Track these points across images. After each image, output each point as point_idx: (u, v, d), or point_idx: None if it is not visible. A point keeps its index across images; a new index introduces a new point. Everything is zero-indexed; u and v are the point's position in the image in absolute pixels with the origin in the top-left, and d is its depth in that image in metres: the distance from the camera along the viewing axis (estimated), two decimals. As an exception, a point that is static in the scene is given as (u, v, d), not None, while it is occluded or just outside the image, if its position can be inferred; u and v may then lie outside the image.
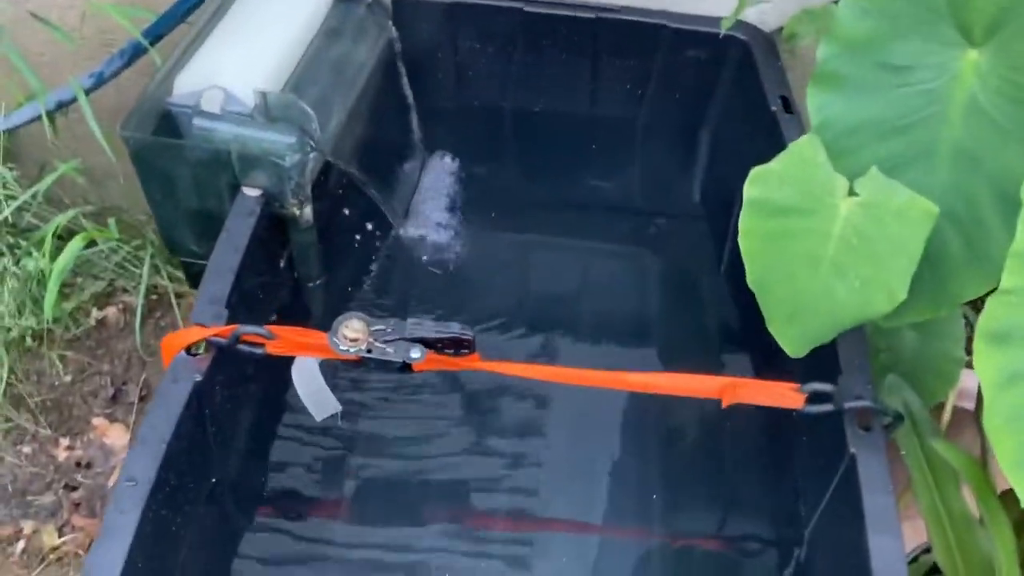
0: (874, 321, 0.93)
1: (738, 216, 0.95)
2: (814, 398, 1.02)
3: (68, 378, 1.68)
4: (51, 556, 1.52)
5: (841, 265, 0.89)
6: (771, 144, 1.26)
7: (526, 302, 1.47)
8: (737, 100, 1.49)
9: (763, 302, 0.93)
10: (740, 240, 0.92)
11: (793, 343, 0.93)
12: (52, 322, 1.65)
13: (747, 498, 1.25)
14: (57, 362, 1.68)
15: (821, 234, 0.90)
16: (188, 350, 1.01)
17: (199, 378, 0.99)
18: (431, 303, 1.42)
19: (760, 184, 0.92)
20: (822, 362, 1.03)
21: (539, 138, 1.63)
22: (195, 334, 1.01)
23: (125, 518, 0.88)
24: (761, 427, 1.27)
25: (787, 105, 1.32)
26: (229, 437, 1.12)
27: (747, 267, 0.91)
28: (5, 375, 1.63)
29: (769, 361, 1.08)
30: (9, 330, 1.64)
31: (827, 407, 1.02)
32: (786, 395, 1.02)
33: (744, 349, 1.37)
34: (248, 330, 1.01)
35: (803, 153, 0.93)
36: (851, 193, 0.91)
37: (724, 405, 1.02)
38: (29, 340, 1.67)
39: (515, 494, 1.24)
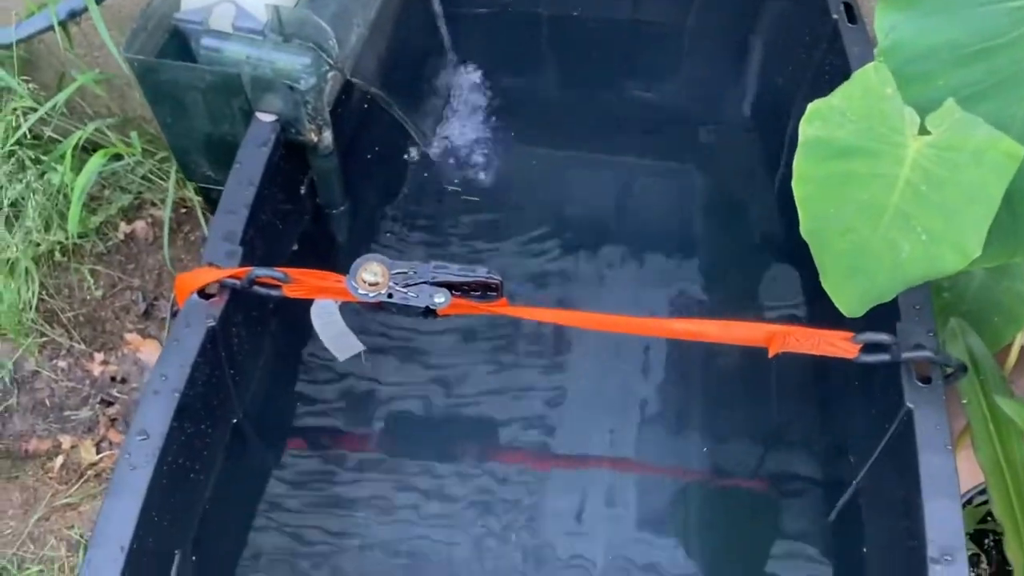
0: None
1: (793, 130, 0.85)
2: (869, 348, 0.95)
3: (99, 293, 1.66)
4: (89, 472, 1.53)
5: (907, 216, 0.80)
6: (831, 55, 1.15)
7: (562, 224, 1.39)
8: (794, 5, 1.36)
9: (817, 256, 0.84)
10: (794, 185, 0.83)
11: (849, 303, 0.85)
12: (80, 237, 1.61)
13: (792, 439, 1.19)
14: (88, 277, 1.65)
15: (886, 179, 0.80)
16: (202, 292, 0.96)
17: (213, 323, 0.94)
18: (461, 227, 1.35)
19: (819, 121, 0.81)
20: (880, 304, 0.94)
21: (577, 46, 1.52)
22: (208, 275, 0.96)
23: (137, 474, 0.85)
24: (810, 367, 1.20)
25: (850, 13, 1.20)
26: (250, 378, 1.08)
27: (801, 216, 0.82)
28: (37, 290, 1.61)
29: (821, 293, 1.00)
30: (38, 245, 1.62)
31: (883, 357, 0.95)
32: (838, 345, 0.94)
33: (794, 278, 1.29)
34: (263, 272, 0.95)
35: (868, 83, 0.82)
36: (922, 131, 0.81)
37: (771, 355, 0.95)
38: (58, 255, 1.64)
39: (548, 430, 1.20)
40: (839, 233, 0.82)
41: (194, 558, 0.98)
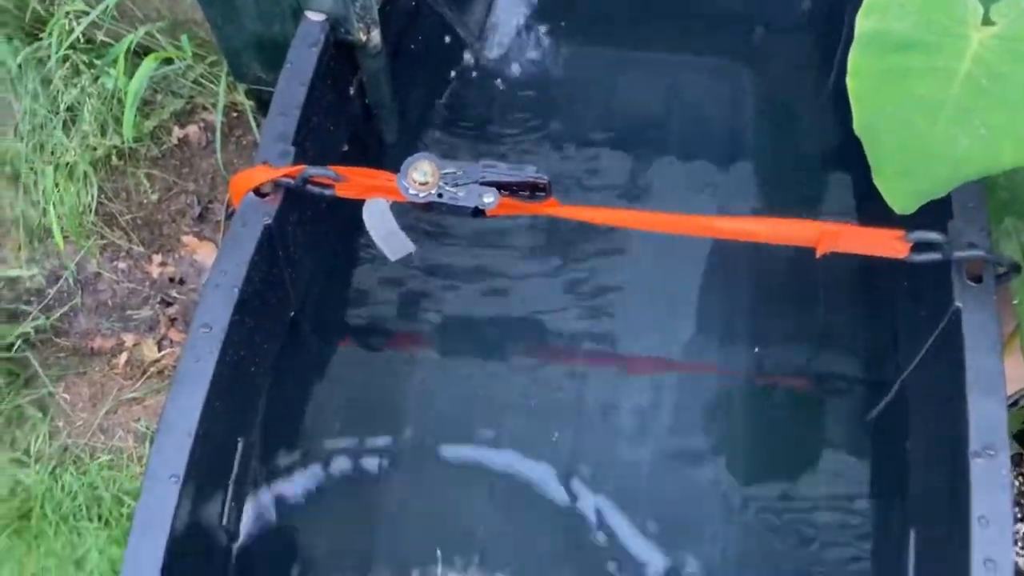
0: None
1: (849, 27, 0.83)
2: (920, 247, 0.94)
3: (155, 196, 1.69)
4: (152, 368, 1.59)
5: (966, 110, 0.78)
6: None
7: (612, 124, 1.38)
8: None
9: (871, 152, 0.83)
10: (849, 81, 0.81)
11: (901, 199, 0.84)
12: (135, 141, 1.64)
13: (838, 337, 1.19)
14: (144, 181, 1.68)
15: (945, 73, 0.78)
16: (257, 191, 0.98)
17: (268, 221, 0.96)
18: (510, 127, 1.35)
19: (876, 14, 0.79)
20: (933, 203, 0.93)
21: (631, -60, 1.47)
22: (262, 175, 0.98)
23: (201, 365, 0.89)
24: (859, 264, 1.19)
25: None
26: (305, 275, 1.11)
27: (855, 112, 0.81)
28: (95, 193, 1.65)
29: (872, 197, 0.99)
30: (95, 149, 1.65)
31: (934, 256, 0.94)
32: (889, 244, 0.94)
33: (846, 182, 1.27)
34: (315, 172, 0.97)
35: (930, -27, 0.79)
36: (985, 22, 0.79)
37: (819, 254, 0.95)
38: (115, 159, 1.67)
39: (596, 328, 1.21)
40: (894, 129, 0.81)
41: (254, 446, 1.03)
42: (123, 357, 1.60)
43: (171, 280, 1.66)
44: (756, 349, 1.19)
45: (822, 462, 1.11)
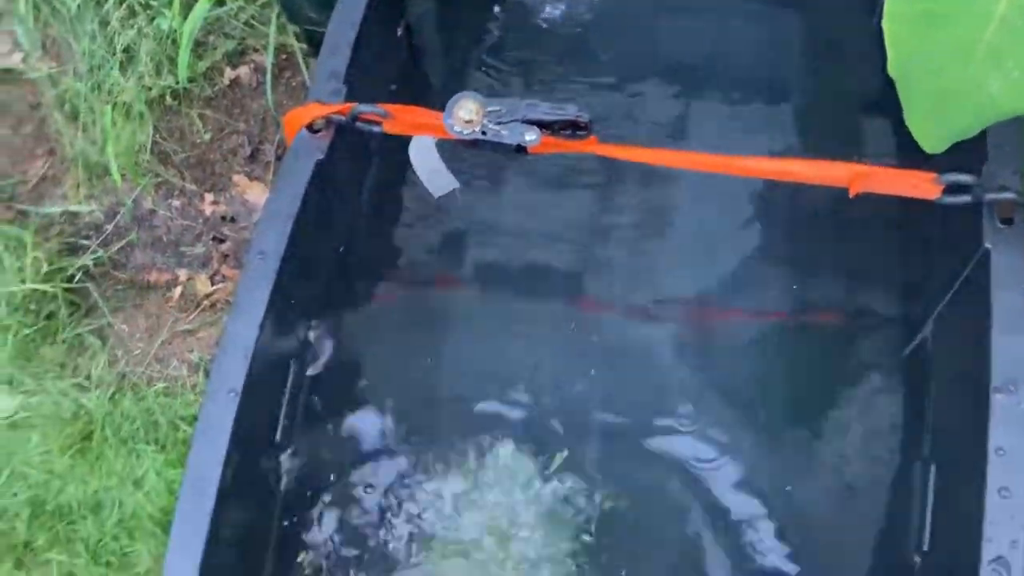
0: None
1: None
2: (952, 188, 0.97)
3: (208, 136, 1.74)
4: (205, 302, 1.65)
5: (999, 52, 0.80)
6: None
7: (655, 66, 1.39)
8: None
9: (903, 94, 0.85)
10: (884, 24, 0.83)
11: (932, 139, 0.86)
12: (188, 82, 1.69)
13: (873, 276, 1.21)
14: (197, 121, 1.73)
15: (981, 15, 0.80)
16: (310, 127, 1.03)
17: (320, 156, 1.01)
18: (553, 67, 1.37)
19: (914, -44, 0.81)
20: (968, 143, 0.95)
21: None
22: (315, 111, 1.02)
23: (258, 289, 0.94)
24: (894, 206, 1.21)
25: None
26: (354, 210, 1.15)
27: (889, 55, 0.83)
28: (151, 132, 1.70)
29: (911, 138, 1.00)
30: (150, 89, 1.70)
31: (965, 198, 0.97)
32: (921, 185, 0.96)
33: (888, 124, 1.28)
34: (365, 109, 1.01)
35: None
36: (1022, -35, 0.80)
37: (852, 194, 0.98)
38: (169, 99, 1.72)
39: (634, 273, 1.24)
40: (927, 71, 0.83)
41: (307, 370, 1.09)
42: (177, 291, 1.67)
43: (223, 218, 1.72)
44: (794, 287, 1.21)
45: (856, 397, 1.13)
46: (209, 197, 1.73)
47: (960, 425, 0.95)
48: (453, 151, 1.06)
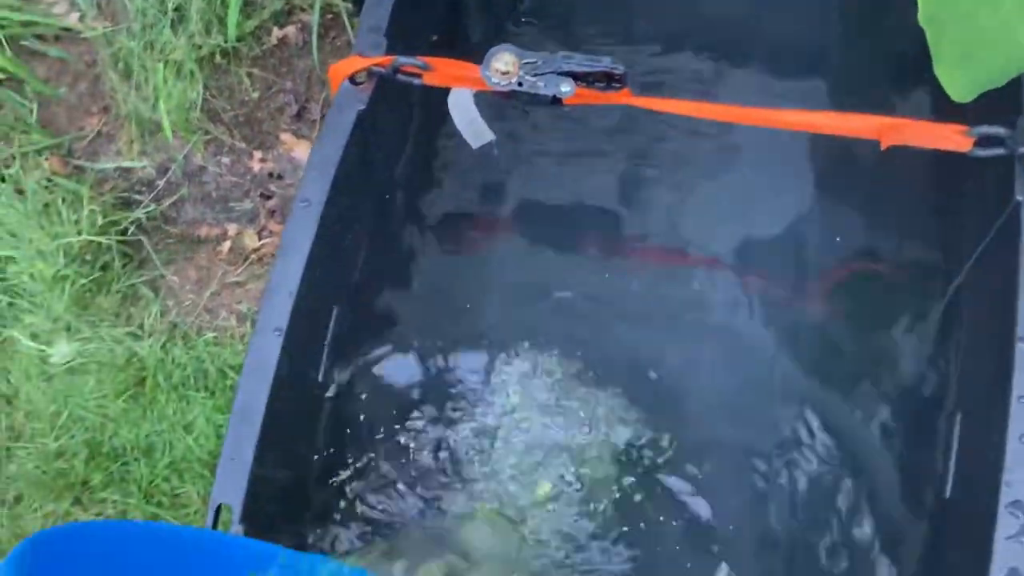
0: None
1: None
2: (984, 141, 0.97)
3: (256, 95, 1.78)
4: (252, 256, 1.70)
5: (1029, -1, 0.80)
6: None
7: (694, 22, 1.39)
8: None
9: (932, 42, 0.85)
10: (914, -29, 0.84)
11: (960, 88, 0.87)
12: (237, 41, 1.73)
13: (906, 229, 1.22)
14: (245, 79, 1.77)
15: (1011, -39, 0.80)
16: (352, 79, 1.06)
17: (363, 107, 1.04)
18: (590, 25, 1.38)
19: (946, -96, 0.81)
20: (1001, 97, 0.95)
21: None
22: (357, 64, 1.05)
23: (302, 235, 0.98)
24: (929, 162, 1.21)
25: None
26: (397, 160, 1.19)
27: (920, 4, 0.84)
28: (200, 90, 1.75)
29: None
30: (200, 47, 1.74)
31: (998, 151, 0.97)
32: (951, 138, 0.97)
33: (927, 96, 1.28)
34: (406, 61, 1.04)
35: None
36: (1056, -87, 0.80)
37: (883, 147, 0.99)
38: (219, 57, 1.76)
39: (670, 225, 1.26)
40: (956, 19, 0.83)
41: (349, 314, 1.13)
42: (226, 245, 1.72)
43: (270, 175, 1.76)
44: (837, 239, 1.22)
45: (885, 345, 1.15)
46: (257, 154, 1.77)
47: (986, 374, 0.96)
48: (494, 105, 1.09)
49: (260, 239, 1.71)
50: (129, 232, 1.69)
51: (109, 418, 1.58)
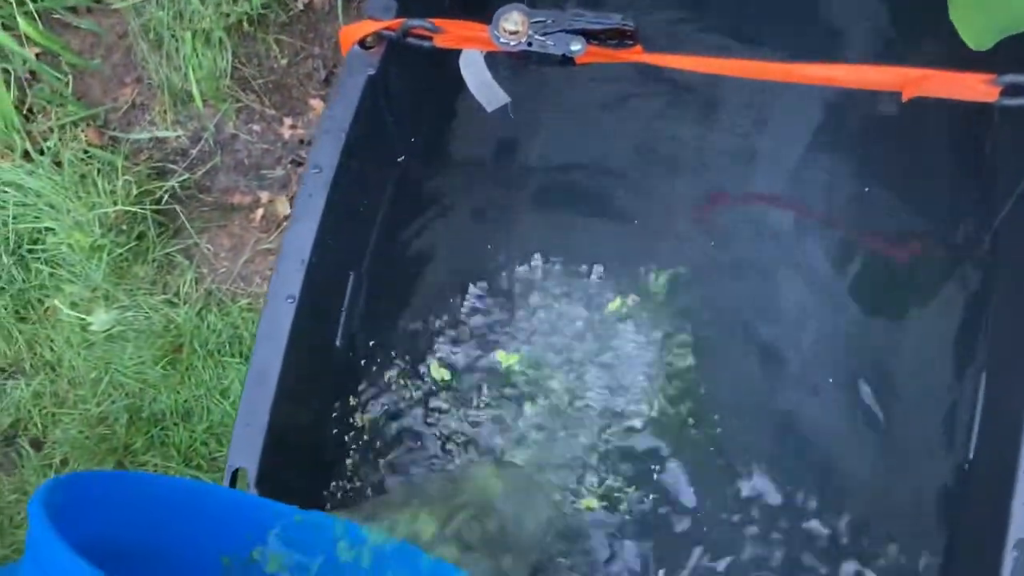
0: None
1: None
2: (1011, 90, 0.93)
3: (284, 61, 1.79)
4: (285, 223, 1.71)
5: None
6: None
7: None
8: None
9: (948, -14, 0.82)
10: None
11: (977, 33, 0.83)
12: (263, 8, 1.73)
13: (935, 184, 1.18)
14: (273, 46, 1.78)
15: (1032, -98, 0.77)
16: (362, 43, 1.06)
17: (373, 71, 1.04)
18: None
19: None
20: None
21: None
22: (367, 27, 1.05)
23: (313, 202, 0.99)
24: (959, 117, 1.17)
25: None
26: (411, 124, 1.18)
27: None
28: (230, 58, 1.76)
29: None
30: (227, 15, 1.75)
31: (1025, 100, 0.93)
32: (977, 87, 0.93)
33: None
34: (415, 23, 1.03)
35: None
36: None
37: (905, 99, 0.95)
38: (246, 25, 1.77)
39: (695, 179, 1.23)
40: (972, -40, 0.80)
41: (365, 281, 1.14)
42: (259, 212, 1.74)
43: (301, 142, 1.77)
44: (866, 189, 1.18)
45: (912, 307, 1.12)
46: (288, 121, 1.78)
47: (1014, 333, 0.94)
48: (508, 65, 1.08)
49: (292, 206, 1.73)
50: (163, 201, 1.72)
51: (148, 384, 1.62)
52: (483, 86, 1.09)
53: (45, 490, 0.65)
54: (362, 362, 1.12)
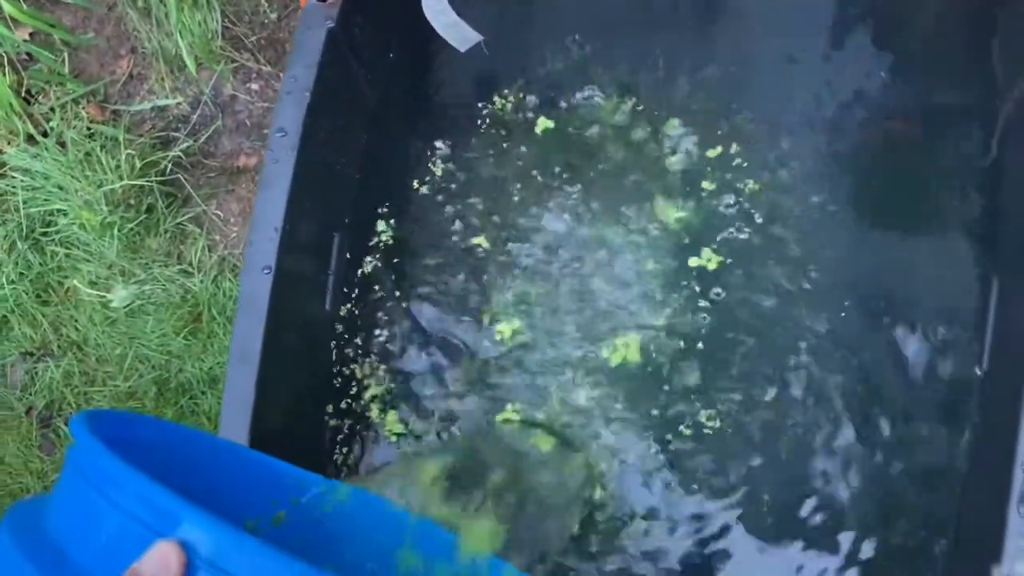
0: None
1: None
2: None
3: (274, 15, 1.75)
4: (291, 181, 1.69)
5: None
6: None
7: None
8: None
9: None
10: None
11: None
12: (246, -38, 1.69)
13: (949, 72, 1.10)
14: (262, 1, 1.74)
15: None
16: (319, -6, 1.01)
17: (332, 24, 1.00)
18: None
19: None
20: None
21: None
22: (321, -23, 1.00)
23: (280, 167, 0.96)
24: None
25: None
26: (382, 73, 1.14)
27: None
28: (219, 18, 1.73)
29: None
30: (211, -26, 1.71)
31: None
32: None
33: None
34: (368, -32, 0.98)
35: None
36: None
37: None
38: (234, -18, 1.73)
39: (713, 90, 1.17)
40: None
41: (353, 238, 1.11)
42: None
43: (300, 96, 1.74)
44: (880, 73, 1.10)
45: (924, 205, 1.06)
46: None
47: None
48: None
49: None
50: (168, 171, 1.71)
51: (173, 355, 1.63)
52: (450, 28, 1.05)
53: (85, 414, 0.64)
54: (355, 324, 1.10)
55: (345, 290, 1.10)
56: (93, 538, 0.57)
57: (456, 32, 1.05)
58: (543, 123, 1.18)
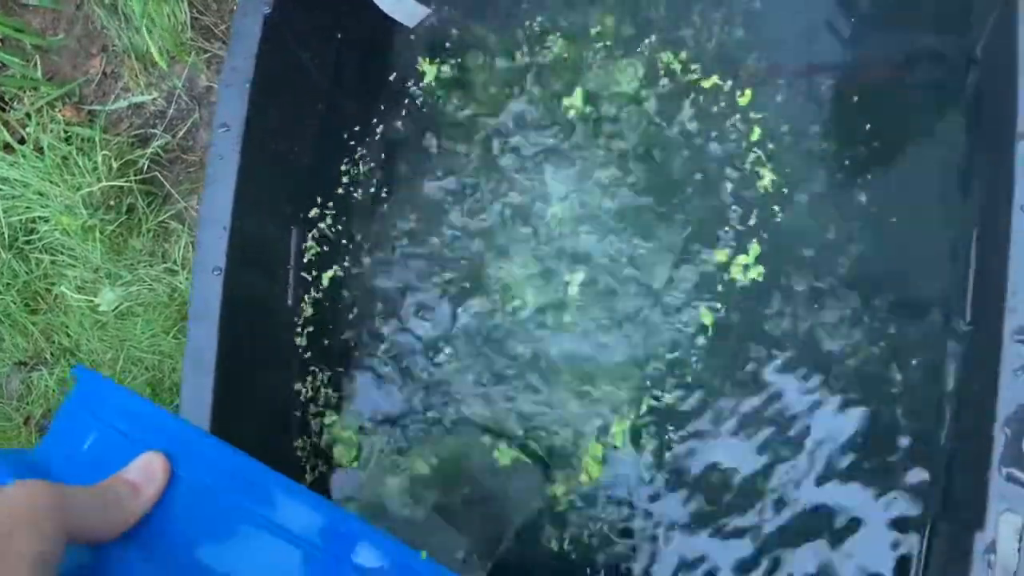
0: None
1: None
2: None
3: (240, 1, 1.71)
4: (271, 170, 1.67)
5: None
6: None
7: None
8: None
9: None
10: None
11: None
12: (206, -50, 1.65)
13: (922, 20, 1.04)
14: (228, -12, 1.71)
15: None
16: (253, -22, 0.98)
17: (267, 10, 0.96)
18: None
19: None
20: None
21: None
22: (254, -38, 0.97)
23: (225, 164, 0.93)
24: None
25: None
26: (329, 55, 1.10)
27: None
28: (187, 9, 1.70)
29: None
30: (173, -35, 1.67)
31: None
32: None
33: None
34: (299, -51, 0.94)
35: None
36: None
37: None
38: (196, -31, 1.69)
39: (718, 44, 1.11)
40: None
41: (314, 228, 1.08)
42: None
43: (275, 83, 1.71)
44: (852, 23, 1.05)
45: (911, 148, 1.01)
46: (259, 63, 1.72)
47: (995, 181, 0.83)
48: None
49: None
50: (146, 169, 1.69)
51: (165, 354, 1.62)
52: (396, 4, 1.01)
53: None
54: (321, 318, 1.08)
55: (307, 285, 1.07)
56: (77, 452, 0.58)
57: (402, 8, 1.01)
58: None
